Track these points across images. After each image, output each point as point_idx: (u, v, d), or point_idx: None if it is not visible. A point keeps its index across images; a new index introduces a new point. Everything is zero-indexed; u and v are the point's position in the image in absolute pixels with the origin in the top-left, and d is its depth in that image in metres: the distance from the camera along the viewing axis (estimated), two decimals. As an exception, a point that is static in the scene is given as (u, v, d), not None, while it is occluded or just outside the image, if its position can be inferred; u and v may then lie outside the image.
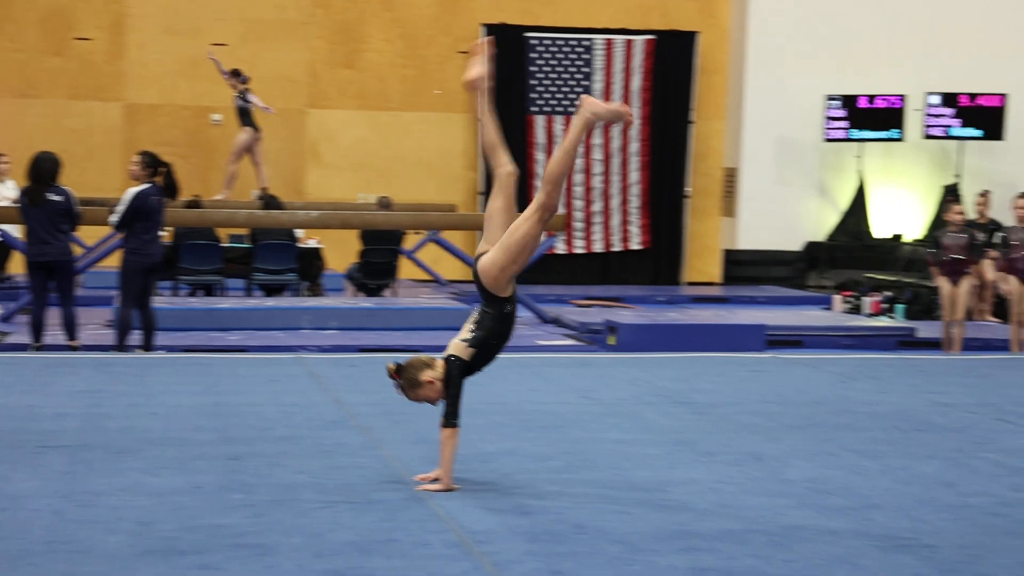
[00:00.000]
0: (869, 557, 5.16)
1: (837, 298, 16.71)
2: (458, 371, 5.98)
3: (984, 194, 16.53)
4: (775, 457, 7.09)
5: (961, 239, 12.87)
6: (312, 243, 16.39)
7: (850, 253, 19.96)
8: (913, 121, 19.99)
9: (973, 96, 19.81)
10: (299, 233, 15.97)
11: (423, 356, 6.14)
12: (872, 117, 19.96)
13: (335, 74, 20.07)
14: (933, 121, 19.95)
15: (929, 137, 20.04)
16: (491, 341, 6.02)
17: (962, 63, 20.02)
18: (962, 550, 5.28)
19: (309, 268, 15.97)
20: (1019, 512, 5.96)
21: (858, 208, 20.29)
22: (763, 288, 19.50)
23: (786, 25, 20.19)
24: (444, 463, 6.05)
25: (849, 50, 20.15)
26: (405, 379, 6.08)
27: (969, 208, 17.10)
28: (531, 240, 5.95)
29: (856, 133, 19.99)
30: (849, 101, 19.90)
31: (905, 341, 13.66)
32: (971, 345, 13.10)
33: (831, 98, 19.90)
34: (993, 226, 15.86)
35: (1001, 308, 14.87)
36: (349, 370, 10.34)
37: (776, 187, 20.45)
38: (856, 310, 16.06)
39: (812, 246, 20.44)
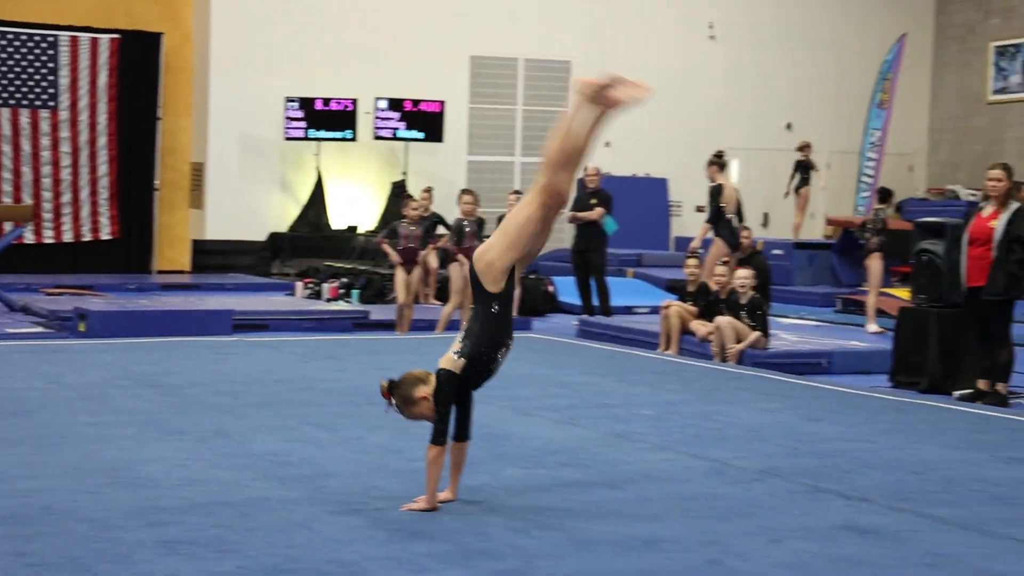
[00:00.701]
0: (325, 521, 5.21)
1: (299, 284, 16.82)
2: (448, 385, 5.29)
3: (428, 190, 17.13)
4: (240, 433, 7.04)
5: (416, 231, 13.28)
6: None
7: (310, 243, 20.16)
8: (364, 123, 20.44)
9: (416, 102, 20.53)
10: None
11: (417, 371, 5.39)
12: (328, 118, 20.24)
13: None
14: (382, 123, 20.49)
15: (379, 138, 20.56)
16: (481, 350, 5.30)
17: (406, 72, 20.69)
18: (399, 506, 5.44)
19: None
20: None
21: (317, 201, 20.53)
22: (230, 276, 19.34)
23: (248, 30, 20.09)
24: (429, 482, 5.35)
25: (306, 56, 20.32)
26: (399, 396, 5.36)
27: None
28: (532, 225, 5.31)
29: (313, 133, 20.19)
30: (306, 103, 20.08)
31: (360, 323, 13.93)
32: (418, 325, 13.54)
33: (290, 100, 20.00)
34: (437, 219, 16.47)
35: (443, 292, 15.48)
36: None
37: (241, 181, 20.33)
38: (317, 295, 16.23)
39: (275, 236, 20.48)
